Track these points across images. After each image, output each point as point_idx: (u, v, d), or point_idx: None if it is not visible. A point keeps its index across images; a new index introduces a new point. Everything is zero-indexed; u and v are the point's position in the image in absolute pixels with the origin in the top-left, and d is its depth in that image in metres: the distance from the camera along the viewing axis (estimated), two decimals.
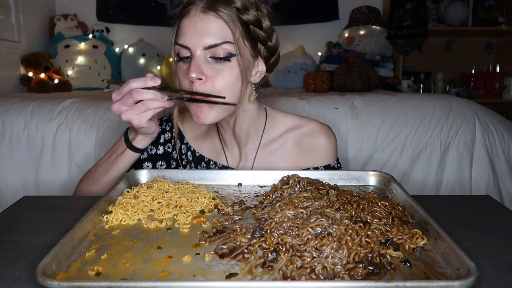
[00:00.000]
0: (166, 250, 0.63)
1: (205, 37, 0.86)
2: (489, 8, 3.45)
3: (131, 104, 0.84)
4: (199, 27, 0.86)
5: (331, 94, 1.93)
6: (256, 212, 0.75)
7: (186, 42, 0.87)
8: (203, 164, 1.07)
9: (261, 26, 0.91)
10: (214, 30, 0.86)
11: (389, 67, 3.09)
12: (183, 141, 1.08)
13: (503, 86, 3.44)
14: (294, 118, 1.08)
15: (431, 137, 1.60)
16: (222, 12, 0.86)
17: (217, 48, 0.86)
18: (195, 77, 0.86)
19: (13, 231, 0.74)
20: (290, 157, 1.05)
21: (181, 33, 0.89)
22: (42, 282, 0.51)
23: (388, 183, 0.90)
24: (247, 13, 0.88)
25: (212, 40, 0.86)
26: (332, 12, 3.34)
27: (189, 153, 1.07)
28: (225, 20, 0.86)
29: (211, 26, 0.86)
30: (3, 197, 1.51)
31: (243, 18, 0.88)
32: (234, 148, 1.05)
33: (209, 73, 0.87)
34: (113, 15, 3.24)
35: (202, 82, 0.87)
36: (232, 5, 0.87)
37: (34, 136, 1.54)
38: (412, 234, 0.65)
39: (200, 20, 0.86)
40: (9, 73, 2.62)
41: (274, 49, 0.97)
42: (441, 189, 1.59)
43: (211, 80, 0.87)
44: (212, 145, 1.07)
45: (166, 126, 1.09)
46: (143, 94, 0.83)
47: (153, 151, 1.08)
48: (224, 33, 0.86)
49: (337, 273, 0.55)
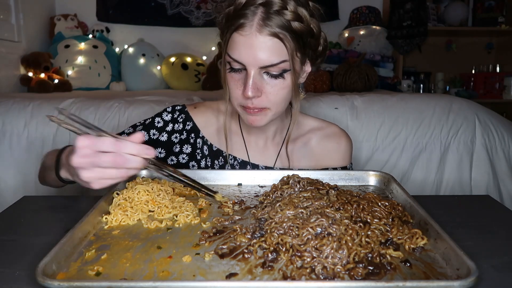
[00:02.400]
0: (166, 250, 0.63)
1: (262, 57, 0.85)
2: (489, 8, 3.45)
3: (104, 166, 0.66)
4: (255, 47, 0.84)
5: (331, 94, 1.93)
6: (256, 212, 0.75)
7: (242, 60, 0.86)
8: (221, 159, 1.06)
9: (312, 34, 0.90)
10: (270, 50, 0.84)
11: (389, 67, 3.09)
12: (198, 135, 1.06)
13: (503, 86, 3.44)
14: (315, 120, 1.13)
15: (431, 137, 1.60)
16: (277, 29, 0.84)
17: (273, 67, 0.86)
18: (252, 96, 0.86)
19: (13, 231, 0.74)
20: (311, 156, 1.08)
21: (235, 48, 0.86)
22: (42, 282, 0.51)
23: (388, 183, 0.90)
24: (299, 23, 0.86)
25: (269, 60, 0.85)
26: (332, 12, 3.34)
27: (205, 147, 1.06)
28: (281, 38, 0.84)
29: (267, 46, 0.84)
30: (3, 197, 1.51)
31: (296, 30, 0.85)
32: (257, 142, 1.07)
33: (264, 90, 0.88)
34: (113, 15, 3.24)
35: (258, 98, 0.88)
36: (284, 17, 0.84)
37: (34, 136, 1.54)
38: (412, 234, 0.65)
39: (256, 40, 0.84)
40: (9, 73, 2.62)
41: (322, 52, 0.98)
42: (441, 189, 1.59)
43: (267, 95, 0.89)
44: (231, 140, 1.07)
45: (179, 117, 1.06)
46: (131, 162, 0.66)
47: (155, 136, 1.04)
48: (281, 52, 0.85)
49: (337, 273, 0.55)
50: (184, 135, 1.06)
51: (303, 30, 0.86)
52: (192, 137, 1.06)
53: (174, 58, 2.91)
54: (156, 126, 1.05)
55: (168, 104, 1.62)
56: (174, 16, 3.27)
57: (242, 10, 0.84)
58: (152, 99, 1.80)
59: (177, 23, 3.26)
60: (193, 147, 1.06)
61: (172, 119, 1.06)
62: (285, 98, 0.92)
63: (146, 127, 1.05)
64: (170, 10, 3.27)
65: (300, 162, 1.08)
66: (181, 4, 3.26)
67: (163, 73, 2.92)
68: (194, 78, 2.89)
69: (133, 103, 1.65)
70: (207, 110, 1.09)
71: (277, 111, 0.93)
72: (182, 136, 1.06)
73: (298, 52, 0.88)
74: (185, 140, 1.06)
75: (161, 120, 1.05)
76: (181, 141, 1.06)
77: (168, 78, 2.91)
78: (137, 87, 2.88)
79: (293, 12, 0.84)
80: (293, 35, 0.85)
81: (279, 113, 0.94)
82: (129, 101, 1.68)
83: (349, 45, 3.11)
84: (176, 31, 3.26)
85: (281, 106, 0.93)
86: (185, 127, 1.06)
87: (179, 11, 3.27)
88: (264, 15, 0.83)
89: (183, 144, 1.06)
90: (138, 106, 1.62)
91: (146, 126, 1.05)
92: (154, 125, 1.05)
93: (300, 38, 0.87)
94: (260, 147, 1.07)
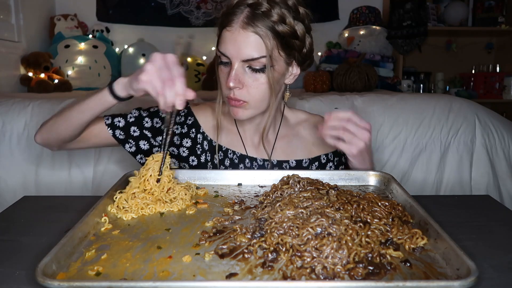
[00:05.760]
0: (166, 250, 0.63)
1: (244, 51, 0.93)
2: (489, 8, 3.45)
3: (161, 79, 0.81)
4: (238, 42, 0.93)
5: (331, 94, 1.93)
6: (256, 212, 0.75)
7: (227, 53, 0.95)
8: (220, 154, 1.10)
9: (296, 36, 0.98)
10: (251, 45, 0.93)
11: (389, 67, 3.09)
12: (199, 130, 1.11)
13: (503, 86, 3.44)
14: (302, 113, 1.20)
15: (431, 137, 1.60)
16: (259, 28, 0.93)
17: (253, 61, 0.94)
18: (233, 86, 0.94)
19: (13, 231, 0.74)
20: (305, 146, 1.13)
21: (223, 42, 0.96)
22: (42, 282, 0.51)
23: (388, 183, 0.90)
24: (283, 26, 0.94)
25: (249, 54, 0.93)
26: (332, 12, 3.34)
27: (205, 143, 1.11)
28: (261, 36, 0.93)
29: (248, 41, 0.93)
30: (3, 197, 1.51)
31: (278, 31, 0.94)
32: (253, 139, 1.12)
33: (245, 82, 0.96)
34: (113, 15, 3.24)
35: (239, 89, 0.96)
36: (269, 18, 0.93)
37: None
38: (412, 234, 0.65)
39: (239, 35, 0.93)
40: (9, 73, 2.62)
41: (308, 54, 1.04)
42: (441, 189, 1.59)
43: (247, 88, 0.96)
44: (229, 136, 1.12)
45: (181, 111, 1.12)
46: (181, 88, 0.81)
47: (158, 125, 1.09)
48: (260, 48, 0.93)
49: (337, 273, 0.55)
50: (185, 129, 1.12)
51: (286, 32, 0.95)
52: (192, 132, 1.12)
53: None
54: (160, 116, 1.09)
55: None
56: (174, 16, 3.27)
57: (233, 9, 0.95)
58: (152, 99, 1.80)
59: (177, 23, 3.26)
60: (193, 142, 1.11)
61: None
62: (264, 94, 0.98)
63: (150, 115, 1.10)
64: (170, 10, 3.27)
65: (296, 154, 1.12)
66: (181, 4, 3.26)
67: None
68: (194, 78, 2.89)
69: (133, 103, 1.65)
70: (208, 108, 1.15)
71: (256, 106, 0.99)
72: (183, 130, 1.11)
73: (281, 51, 0.96)
74: (186, 134, 1.11)
75: None
76: (181, 134, 1.11)
77: None
78: None
79: (277, 14, 0.94)
80: (274, 35, 0.94)
81: (259, 108, 1.00)
82: (129, 101, 1.68)
83: (349, 45, 3.11)
84: (176, 31, 3.26)
85: (260, 101, 0.99)
86: (186, 121, 1.12)
87: (179, 11, 3.27)
88: (250, 14, 0.93)
89: (183, 138, 1.11)
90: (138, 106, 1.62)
91: (151, 113, 1.10)
92: (158, 114, 1.09)
93: (283, 39, 0.95)
94: (255, 143, 1.12)
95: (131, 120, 1.08)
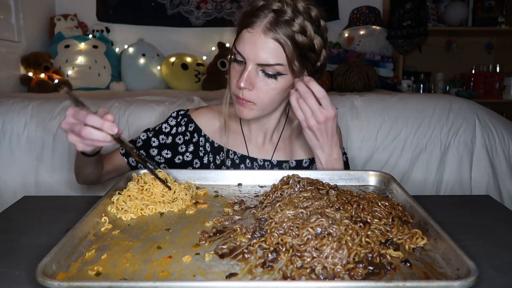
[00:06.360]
0: (166, 250, 0.63)
1: (261, 55, 0.93)
2: (489, 8, 3.45)
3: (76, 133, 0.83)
4: (257, 45, 0.93)
5: (331, 94, 1.93)
6: (256, 212, 0.75)
7: (244, 53, 0.95)
8: (222, 154, 1.12)
9: (313, 49, 0.99)
10: (269, 51, 0.93)
11: (389, 67, 3.09)
12: (200, 134, 1.14)
13: (503, 86, 3.44)
14: None
15: (431, 137, 1.60)
16: (280, 35, 0.93)
17: (268, 67, 0.94)
18: (243, 87, 0.95)
19: (13, 231, 0.74)
20: (305, 146, 1.13)
21: (241, 42, 0.96)
22: (42, 282, 0.51)
23: (388, 183, 0.90)
24: (303, 37, 0.95)
25: (266, 59, 0.94)
26: (332, 12, 3.34)
27: (207, 145, 1.13)
28: (281, 43, 0.93)
29: (267, 47, 0.93)
30: (3, 197, 1.50)
31: (297, 42, 0.94)
32: (257, 139, 1.13)
33: (256, 85, 0.96)
34: (113, 15, 3.24)
35: (249, 91, 0.96)
36: (291, 27, 0.93)
37: (34, 136, 1.53)
38: (412, 234, 0.65)
39: (259, 39, 0.93)
40: (9, 73, 2.62)
41: (321, 68, 1.05)
42: (441, 189, 1.59)
43: (257, 91, 0.97)
44: (232, 136, 1.14)
45: (181, 121, 1.15)
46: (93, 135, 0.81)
47: (164, 140, 1.14)
48: (278, 55, 0.94)
49: (337, 273, 0.55)
50: (188, 135, 1.14)
51: (304, 43, 0.95)
52: (195, 136, 1.14)
53: (174, 58, 2.91)
54: (164, 132, 1.14)
55: (168, 104, 1.63)
56: (174, 16, 3.27)
57: (257, 11, 0.95)
58: (152, 99, 1.80)
59: (177, 23, 3.26)
60: (196, 146, 1.13)
61: (176, 123, 1.15)
62: (272, 99, 0.99)
63: (156, 133, 1.15)
64: (170, 10, 3.27)
65: (298, 153, 1.15)
66: (181, 4, 3.26)
67: (163, 73, 2.92)
68: (194, 78, 2.89)
69: (133, 103, 1.65)
70: (209, 111, 1.17)
71: (263, 109, 1.00)
72: (186, 137, 1.14)
73: (296, 61, 0.96)
74: (189, 140, 1.14)
75: (168, 126, 1.15)
76: (185, 141, 1.14)
77: (168, 78, 2.91)
78: (137, 87, 2.88)
79: (299, 25, 0.94)
80: (294, 45, 0.94)
81: (265, 111, 1.02)
82: (129, 101, 1.68)
83: (349, 45, 3.11)
84: (176, 31, 3.26)
85: (267, 105, 0.99)
86: (187, 128, 1.14)
87: (179, 11, 3.27)
88: (273, 20, 0.93)
89: (187, 144, 1.14)
90: (138, 106, 1.62)
91: (156, 132, 1.15)
92: (162, 130, 1.15)
93: (301, 50, 0.96)
94: (259, 143, 1.13)
95: (139, 144, 1.14)
